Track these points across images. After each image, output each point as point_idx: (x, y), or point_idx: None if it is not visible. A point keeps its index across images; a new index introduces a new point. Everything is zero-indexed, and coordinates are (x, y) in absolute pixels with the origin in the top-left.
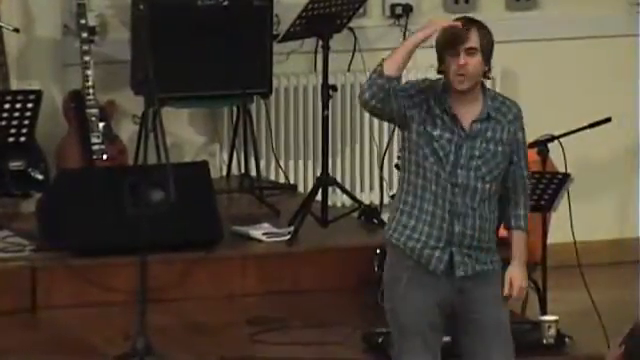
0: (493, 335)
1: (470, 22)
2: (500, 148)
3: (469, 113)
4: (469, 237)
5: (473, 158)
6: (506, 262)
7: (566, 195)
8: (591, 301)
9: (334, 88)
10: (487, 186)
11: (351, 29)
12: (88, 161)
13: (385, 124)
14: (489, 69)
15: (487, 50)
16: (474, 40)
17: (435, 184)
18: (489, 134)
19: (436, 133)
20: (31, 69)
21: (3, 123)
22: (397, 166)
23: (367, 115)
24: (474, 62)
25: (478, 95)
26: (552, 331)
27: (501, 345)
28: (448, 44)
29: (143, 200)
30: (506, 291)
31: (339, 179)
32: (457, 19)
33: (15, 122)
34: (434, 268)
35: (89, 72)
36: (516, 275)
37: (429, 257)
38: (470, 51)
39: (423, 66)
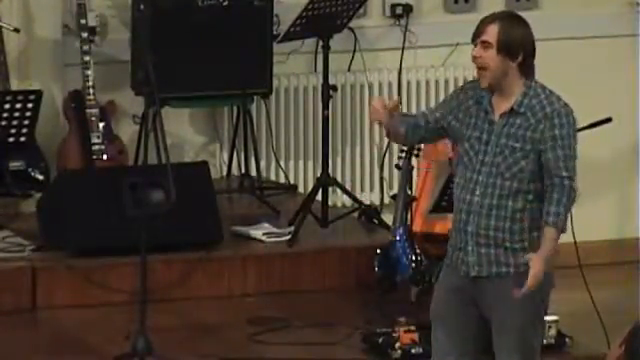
0: (505, 338)
1: (497, 17)
2: (519, 144)
3: (502, 108)
4: (484, 237)
5: (496, 155)
6: None
7: None
8: (591, 301)
9: (334, 88)
10: (507, 183)
11: (351, 29)
12: (88, 161)
13: None
14: (524, 66)
15: (506, 45)
16: (490, 34)
17: (461, 188)
18: (512, 130)
19: (468, 133)
20: (31, 69)
21: (3, 123)
22: (397, 166)
23: (367, 115)
24: (487, 56)
25: (514, 91)
26: (552, 331)
27: (511, 349)
28: (473, 36)
29: (143, 200)
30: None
31: (339, 179)
32: (499, 12)
33: (15, 122)
34: (459, 270)
35: (89, 72)
36: (534, 266)
37: (456, 259)
38: (484, 44)
39: (424, 66)
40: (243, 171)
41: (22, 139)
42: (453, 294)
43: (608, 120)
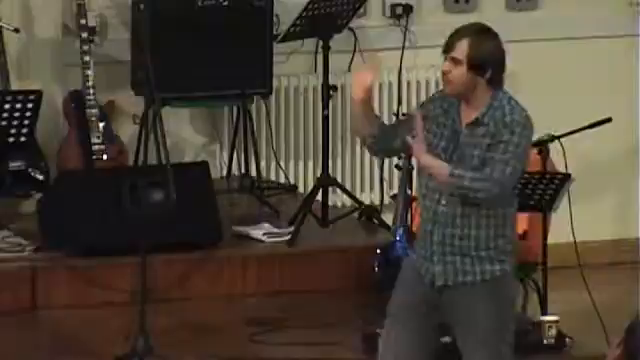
0: (473, 346)
1: (467, 32)
2: (477, 152)
3: (468, 117)
4: (449, 246)
5: (459, 164)
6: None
7: (566, 195)
8: (591, 301)
9: (334, 88)
10: None
11: (351, 29)
12: (88, 161)
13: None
14: (490, 80)
15: (477, 63)
16: (459, 51)
17: (424, 197)
18: (475, 139)
19: (435, 142)
20: (31, 69)
21: (3, 123)
22: (397, 166)
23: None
24: (456, 72)
25: (481, 102)
26: (553, 331)
27: (481, 357)
28: (443, 47)
29: (143, 200)
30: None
31: (339, 179)
32: (467, 24)
33: (15, 122)
34: (423, 278)
35: (89, 72)
36: (417, 151)
37: (420, 267)
38: (454, 60)
39: (424, 66)
40: (243, 171)
41: (22, 139)
42: (415, 301)
43: (608, 120)
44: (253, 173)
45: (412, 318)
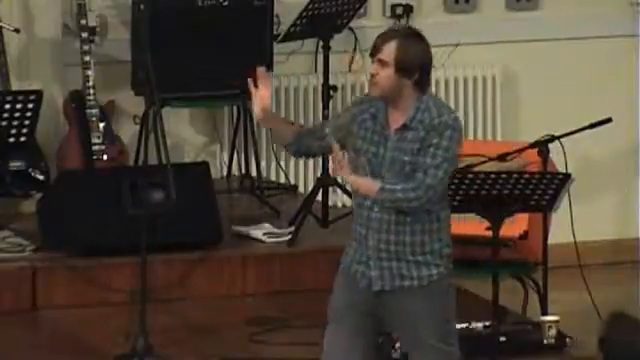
0: (418, 351)
1: (395, 35)
2: (408, 157)
3: (396, 122)
4: (385, 251)
5: (391, 169)
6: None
7: (567, 195)
8: (591, 301)
9: (334, 88)
10: None
11: (351, 29)
12: (88, 161)
13: None
14: (417, 82)
15: (404, 65)
16: (386, 53)
17: (357, 204)
18: (404, 144)
19: (365, 147)
20: (31, 69)
21: (3, 123)
22: None
23: None
24: (383, 74)
25: (408, 106)
26: (553, 331)
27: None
28: (370, 50)
29: (143, 200)
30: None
31: (339, 179)
32: (396, 28)
33: (15, 122)
34: (359, 283)
35: (89, 72)
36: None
37: (355, 272)
38: (381, 63)
39: None
40: (243, 171)
41: (22, 139)
42: (352, 306)
43: (608, 120)
44: (253, 173)
45: (352, 321)
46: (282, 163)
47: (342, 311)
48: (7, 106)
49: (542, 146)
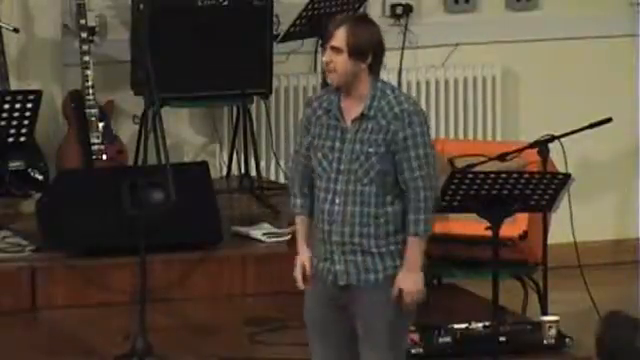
0: (371, 342)
1: (344, 21)
2: (373, 149)
3: (352, 112)
4: (349, 244)
5: (352, 161)
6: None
7: (566, 195)
8: (591, 301)
9: None
10: (367, 189)
11: None
12: (88, 161)
13: None
14: (373, 67)
15: (356, 49)
16: (339, 39)
17: (320, 199)
18: (366, 135)
19: (320, 143)
20: (31, 69)
21: (3, 123)
22: None
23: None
24: (338, 60)
25: (364, 93)
26: (553, 331)
27: (375, 354)
28: (322, 40)
29: (143, 200)
30: (395, 298)
31: None
32: (346, 15)
33: (15, 122)
34: (325, 279)
35: (89, 72)
36: (403, 283)
37: (322, 269)
38: (334, 49)
39: (424, 66)
40: (243, 171)
41: (22, 139)
42: (325, 305)
43: (608, 120)
44: (253, 173)
45: (326, 325)
46: (282, 163)
47: (311, 310)
48: (6, 106)
49: (542, 146)
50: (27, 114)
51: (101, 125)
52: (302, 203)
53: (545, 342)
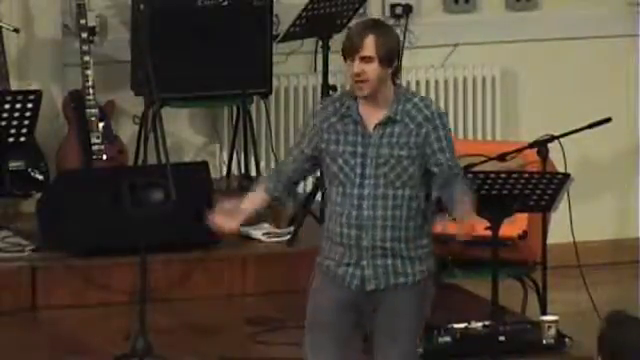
0: (392, 343)
1: (367, 29)
2: (405, 152)
3: (375, 117)
4: (380, 249)
5: (379, 166)
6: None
7: (566, 195)
8: (591, 301)
9: (334, 88)
10: (399, 192)
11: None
12: (88, 161)
13: None
14: (395, 71)
15: (386, 55)
16: (369, 48)
17: (341, 205)
18: (394, 139)
19: (340, 149)
20: (31, 69)
21: (3, 123)
22: None
23: None
24: (370, 69)
25: (388, 98)
26: (552, 331)
27: (405, 356)
28: (346, 51)
29: (143, 200)
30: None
31: None
32: (357, 23)
33: (15, 122)
34: (349, 284)
35: (89, 72)
36: (469, 213)
37: (344, 274)
38: (365, 59)
39: (424, 66)
40: (243, 171)
41: (22, 139)
42: (344, 308)
43: (608, 120)
44: (253, 173)
45: (341, 335)
46: None
47: (326, 312)
48: (6, 106)
49: (541, 146)
50: (27, 114)
51: (101, 125)
52: (275, 187)
53: (544, 342)
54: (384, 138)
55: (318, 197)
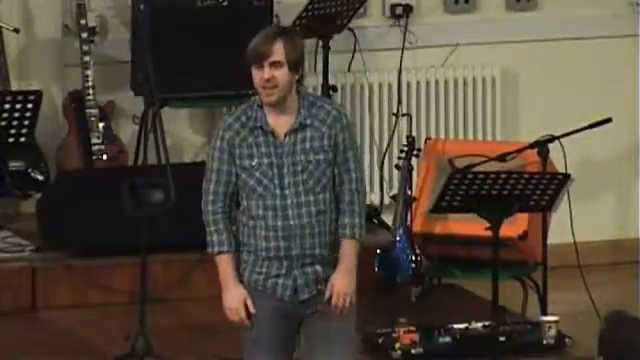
0: (332, 348)
1: (275, 34)
2: (321, 156)
3: (285, 125)
4: (309, 257)
5: (297, 173)
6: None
7: (566, 196)
8: (591, 301)
9: (334, 88)
10: (321, 197)
11: (351, 29)
12: (88, 161)
13: (385, 124)
14: (301, 76)
15: (295, 61)
16: (278, 54)
17: (264, 218)
18: (307, 144)
19: (254, 163)
20: (31, 69)
21: (3, 123)
22: (397, 166)
23: (367, 115)
24: (280, 74)
25: (293, 104)
26: (552, 331)
27: (338, 354)
28: (254, 57)
29: (143, 200)
30: (330, 300)
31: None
32: (266, 29)
33: (15, 122)
34: (281, 295)
35: (89, 72)
36: (338, 283)
37: (274, 285)
38: (275, 64)
39: (424, 66)
40: None
41: (22, 139)
42: (278, 319)
43: (608, 120)
44: None
45: (279, 346)
46: None
47: (265, 330)
48: (7, 106)
49: (542, 146)
50: (27, 114)
51: (101, 125)
52: (228, 237)
53: (545, 342)
54: (297, 145)
55: None
